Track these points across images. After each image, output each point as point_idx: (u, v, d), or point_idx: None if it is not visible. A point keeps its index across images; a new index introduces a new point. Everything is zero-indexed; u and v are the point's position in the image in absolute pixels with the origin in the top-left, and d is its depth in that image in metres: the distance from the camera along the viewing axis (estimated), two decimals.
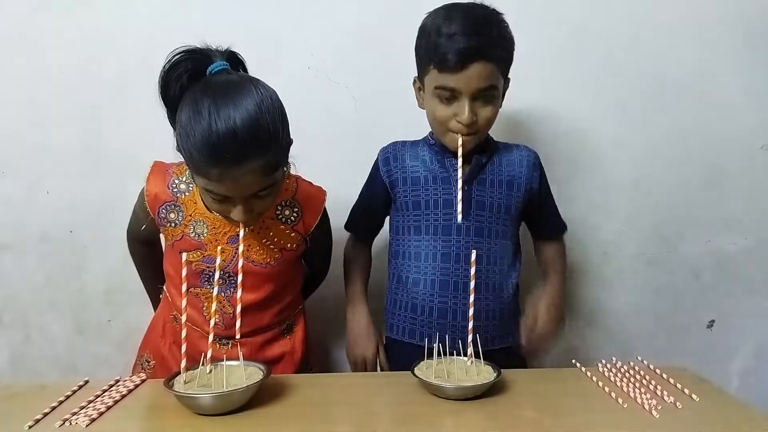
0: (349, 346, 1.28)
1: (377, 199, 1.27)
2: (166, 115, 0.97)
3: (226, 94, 0.89)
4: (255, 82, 0.94)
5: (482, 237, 1.19)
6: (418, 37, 1.15)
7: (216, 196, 0.95)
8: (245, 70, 1.03)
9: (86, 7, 1.42)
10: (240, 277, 0.98)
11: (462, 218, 1.14)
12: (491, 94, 1.11)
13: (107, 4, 1.42)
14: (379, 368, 1.26)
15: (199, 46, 0.96)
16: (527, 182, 1.23)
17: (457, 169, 1.14)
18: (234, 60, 0.99)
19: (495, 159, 1.21)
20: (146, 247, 1.26)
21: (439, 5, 1.14)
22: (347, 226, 1.33)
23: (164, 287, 1.25)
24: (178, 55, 0.93)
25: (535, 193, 1.25)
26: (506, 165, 1.22)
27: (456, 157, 1.13)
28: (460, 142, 1.12)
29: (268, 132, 0.89)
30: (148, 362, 1.25)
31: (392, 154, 1.25)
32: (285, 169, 1.04)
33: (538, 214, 1.28)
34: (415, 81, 1.19)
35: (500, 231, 1.21)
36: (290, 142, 0.99)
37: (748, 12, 1.54)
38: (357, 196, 1.32)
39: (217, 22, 1.43)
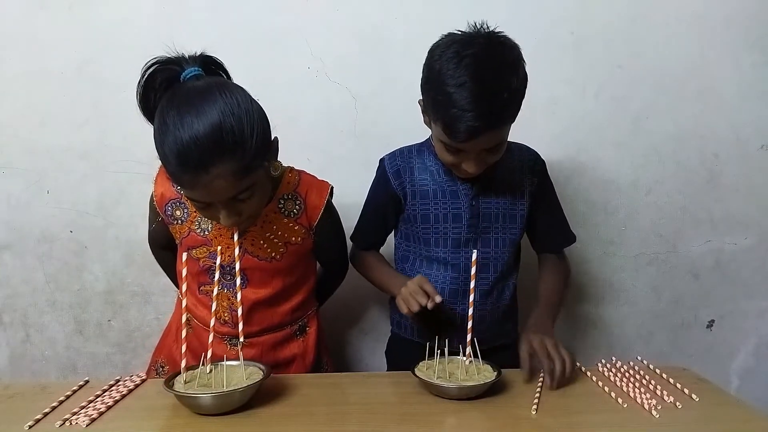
0: (402, 290, 1.08)
1: (389, 210, 1.24)
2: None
3: (189, 102, 0.88)
4: (222, 86, 0.91)
5: (489, 247, 1.19)
6: (426, 79, 1.05)
7: (197, 203, 0.96)
8: (224, 71, 1.00)
9: (86, 7, 1.42)
10: (239, 281, 0.99)
11: (471, 232, 1.17)
12: (500, 147, 1.08)
13: (107, 3, 1.42)
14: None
15: (170, 55, 0.94)
16: (528, 189, 1.21)
17: (464, 182, 1.15)
18: (209, 63, 0.98)
19: (499, 168, 1.17)
20: (167, 253, 1.26)
21: (447, 37, 1.03)
22: (355, 240, 1.30)
23: (177, 291, 1.25)
24: (151, 68, 0.93)
25: (537, 199, 1.23)
26: (509, 173, 1.20)
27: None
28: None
29: (232, 136, 0.87)
30: (163, 368, 1.25)
31: (402, 166, 1.20)
32: (274, 169, 1.03)
33: (536, 222, 1.25)
34: (420, 102, 1.11)
35: (507, 239, 1.21)
36: (266, 143, 0.95)
37: (748, 11, 1.53)
38: (357, 197, 1.29)
39: (217, 22, 1.43)
